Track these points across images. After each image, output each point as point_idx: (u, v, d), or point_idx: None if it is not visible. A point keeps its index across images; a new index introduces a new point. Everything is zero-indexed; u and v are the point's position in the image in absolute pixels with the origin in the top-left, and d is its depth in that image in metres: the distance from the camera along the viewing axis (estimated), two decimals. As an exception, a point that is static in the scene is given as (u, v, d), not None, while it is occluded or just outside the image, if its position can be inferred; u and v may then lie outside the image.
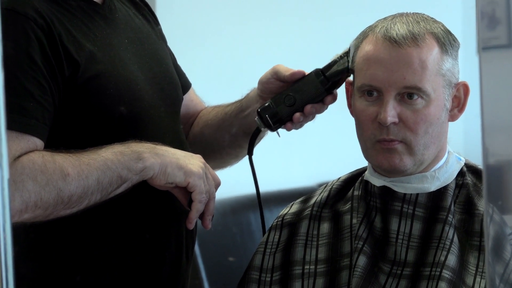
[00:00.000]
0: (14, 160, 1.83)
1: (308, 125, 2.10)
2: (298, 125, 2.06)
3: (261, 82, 2.11)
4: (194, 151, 2.06)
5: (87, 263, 2.06)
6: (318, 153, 2.60)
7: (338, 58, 2.03)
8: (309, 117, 2.06)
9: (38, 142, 1.90)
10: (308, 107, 2.03)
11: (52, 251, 2.02)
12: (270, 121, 2.06)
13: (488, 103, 1.40)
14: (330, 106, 2.04)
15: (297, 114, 2.05)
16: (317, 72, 2.05)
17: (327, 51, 2.06)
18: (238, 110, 2.22)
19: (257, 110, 2.06)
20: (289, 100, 2.09)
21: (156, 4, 2.74)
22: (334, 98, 2.04)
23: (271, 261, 2.12)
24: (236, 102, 2.24)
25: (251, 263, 2.13)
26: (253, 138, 2.13)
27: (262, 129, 2.08)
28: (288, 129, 2.09)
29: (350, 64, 2.02)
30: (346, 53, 2.02)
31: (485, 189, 1.56)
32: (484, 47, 1.48)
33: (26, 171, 1.89)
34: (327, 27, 3.46)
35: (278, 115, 2.07)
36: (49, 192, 1.90)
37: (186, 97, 2.27)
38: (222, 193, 2.17)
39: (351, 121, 1.98)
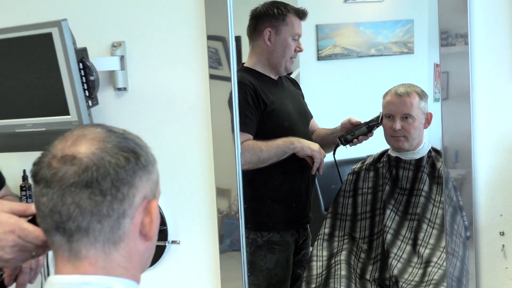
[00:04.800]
0: (240, 144, 2.89)
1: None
2: (356, 144, 3.14)
3: (341, 125, 3.20)
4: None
5: (271, 187, 3.15)
6: (368, 142, 3.25)
7: (375, 123, 3.11)
8: (361, 142, 3.14)
9: (250, 136, 2.98)
10: (360, 138, 3.14)
11: (257, 183, 3.09)
12: (343, 142, 3.18)
13: (446, 122, 2.59)
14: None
15: (355, 140, 3.15)
16: (366, 125, 3.14)
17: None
18: (331, 133, 3.27)
19: (338, 137, 3.19)
20: (352, 134, 3.18)
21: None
22: (371, 134, 3.12)
23: (349, 187, 3.18)
24: (331, 129, 3.28)
25: (340, 188, 3.20)
26: (336, 147, 3.21)
27: (339, 144, 3.18)
28: (351, 146, 3.16)
29: (380, 124, 3.08)
30: (380, 119, 3.09)
31: (444, 156, 2.61)
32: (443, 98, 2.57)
33: (245, 148, 2.94)
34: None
35: (347, 140, 3.18)
36: (254, 158, 3.00)
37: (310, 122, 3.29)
38: (326, 160, 3.19)
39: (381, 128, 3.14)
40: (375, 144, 3.23)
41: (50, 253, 1.67)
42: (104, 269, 1.48)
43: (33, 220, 1.65)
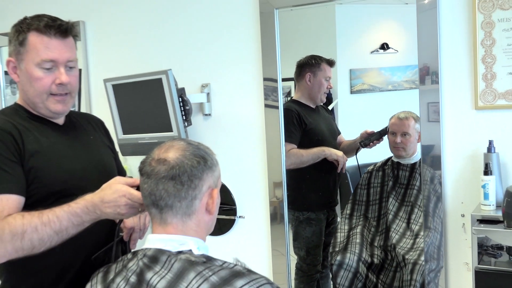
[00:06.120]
0: (288, 151, 3.28)
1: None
2: (372, 147, 3.51)
3: (360, 135, 3.55)
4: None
5: (308, 181, 3.56)
6: (379, 150, 3.38)
7: (384, 132, 3.46)
8: (375, 145, 3.50)
9: (295, 146, 3.35)
10: (375, 142, 3.53)
11: (298, 178, 3.47)
12: (362, 145, 3.56)
13: (424, 138, 2.98)
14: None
15: (371, 144, 3.52)
16: (378, 133, 3.50)
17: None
18: (352, 142, 3.64)
19: (359, 142, 3.57)
20: (369, 139, 3.55)
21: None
22: (382, 139, 3.46)
23: (364, 182, 3.57)
24: (352, 140, 3.64)
25: (358, 183, 3.60)
26: (357, 150, 3.62)
27: (360, 147, 3.55)
28: (368, 148, 3.52)
29: (387, 133, 3.44)
30: (387, 130, 3.44)
31: (422, 161, 2.96)
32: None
33: (291, 154, 3.33)
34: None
35: (365, 144, 3.56)
36: (297, 160, 3.41)
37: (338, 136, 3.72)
38: (348, 163, 3.66)
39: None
40: (383, 152, 3.67)
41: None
42: (182, 231, 1.71)
43: (138, 189, 1.85)
